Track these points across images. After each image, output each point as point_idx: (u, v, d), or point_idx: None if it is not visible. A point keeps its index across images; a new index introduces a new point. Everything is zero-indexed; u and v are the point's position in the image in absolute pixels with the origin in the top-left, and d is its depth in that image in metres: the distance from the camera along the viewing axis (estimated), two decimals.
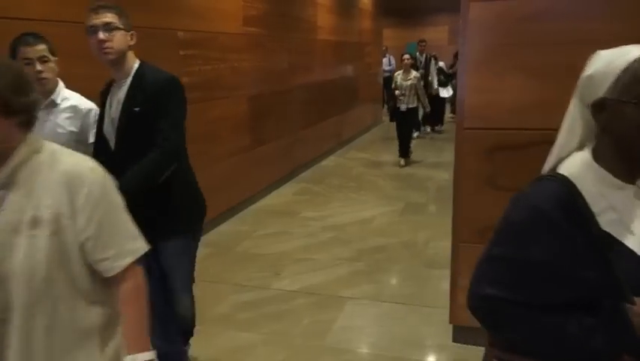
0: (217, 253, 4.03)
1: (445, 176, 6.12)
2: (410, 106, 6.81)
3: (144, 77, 2.05)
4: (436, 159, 7.37)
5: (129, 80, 2.05)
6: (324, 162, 7.34)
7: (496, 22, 2.32)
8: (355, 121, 8.96)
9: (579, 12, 2.23)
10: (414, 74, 6.83)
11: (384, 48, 12.24)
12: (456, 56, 11.06)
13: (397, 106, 6.85)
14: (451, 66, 10.87)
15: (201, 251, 4.07)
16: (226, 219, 4.75)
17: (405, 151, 7.02)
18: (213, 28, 4.41)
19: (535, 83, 2.39)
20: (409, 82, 6.73)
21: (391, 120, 7.25)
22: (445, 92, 9.43)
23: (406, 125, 6.95)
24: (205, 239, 4.31)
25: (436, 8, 15.94)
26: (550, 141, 2.36)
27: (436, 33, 15.93)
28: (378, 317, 2.98)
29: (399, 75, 6.86)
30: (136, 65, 2.10)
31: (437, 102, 9.21)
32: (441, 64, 9.79)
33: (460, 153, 2.42)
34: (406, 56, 6.83)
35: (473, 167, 2.50)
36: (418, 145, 7.98)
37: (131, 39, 2.12)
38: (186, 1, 4.01)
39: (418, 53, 8.96)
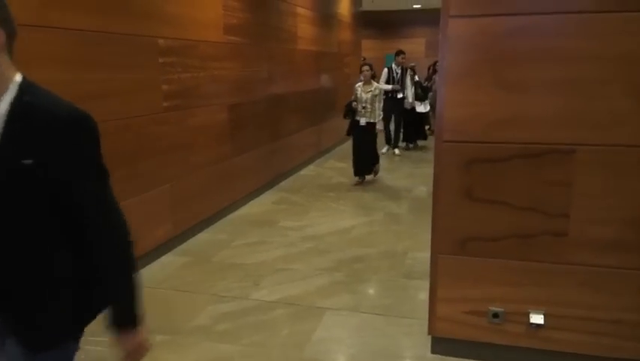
0: (195, 263, 3.98)
1: (423, 187, 6.19)
2: (371, 120, 6.27)
3: (34, 108, 1.20)
4: (415, 169, 7.45)
5: (4, 106, 1.19)
6: (303, 172, 7.35)
7: (473, 39, 2.38)
8: (334, 130, 9.00)
9: (554, 30, 2.30)
10: (375, 85, 6.37)
11: (362, 59, 12.38)
12: (430, 69, 10.76)
13: (356, 119, 6.32)
14: (427, 79, 10.98)
15: (179, 260, 4.04)
16: (204, 228, 4.70)
17: (361, 169, 6.47)
18: (194, 36, 4.39)
19: (512, 98, 2.45)
20: (370, 94, 6.23)
21: (348, 134, 6.55)
22: (422, 107, 9.09)
23: (364, 141, 6.35)
24: (183, 248, 4.28)
25: (413, 21, 16.23)
26: (526, 155, 2.42)
27: (413, 45, 16.20)
28: (357, 327, 2.98)
29: (359, 87, 6.35)
30: (16, 79, 1.23)
31: (414, 117, 8.99)
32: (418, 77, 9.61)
33: (439, 165, 2.46)
34: (365, 67, 6.36)
35: (452, 179, 2.54)
36: (393, 156, 8.02)
37: None
38: (167, 8, 3.99)
39: (394, 65, 8.58)
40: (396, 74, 8.53)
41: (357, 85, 6.39)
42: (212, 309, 3.22)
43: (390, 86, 8.34)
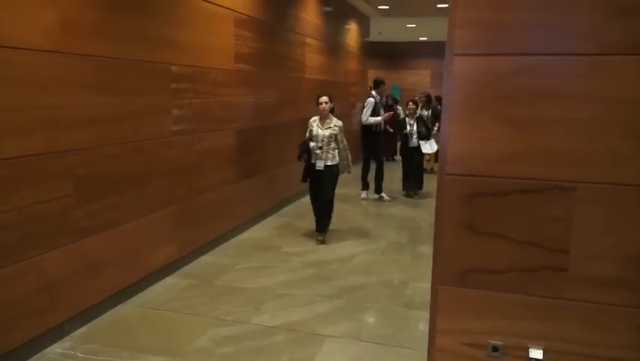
0: (197, 285, 4.01)
1: (426, 217, 6.23)
2: (329, 163, 5.08)
3: None
4: (418, 200, 7.49)
5: None
6: (306, 198, 7.39)
7: (477, 76, 2.47)
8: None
9: (556, 71, 2.39)
10: (335, 121, 5.13)
11: (368, 88, 12.57)
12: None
13: (312, 162, 5.12)
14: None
15: (182, 282, 4.06)
16: (208, 251, 4.74)
17: (323, 224, 5.26)
18: (205, 63, 4.52)
19: (514, 135, 2.53)
20: (328, 131, 5.07)
21: (303, 180, 5.23)
22: (428, 148, 7.46)
23: (322, 188, 5.11)
24: (186, 270, 4.30)
25: (419, 53, 16.53)
26: (527, 190, 2.47)
27: (419, 77, 16.48)
28: (356, 356, 2.99)
29: (314, 122, 5.16)
30: None
31: (415, 158, 7.43)
32: (425, 111, 8.63)
33: (441, 197, 2.52)
34: (323, 98, 5.11)
35: (453, 211, 2.60)
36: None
37: None
38: (181, 37, 4.13)
39: (374, 92, 7.28)
40: (381, 105, 7.43)
41: (312, 120, 5.21)
42: (213, 332, 3.23)
43: (379, 118, 7.05)
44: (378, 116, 7.06)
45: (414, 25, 12.98)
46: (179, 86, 4.15)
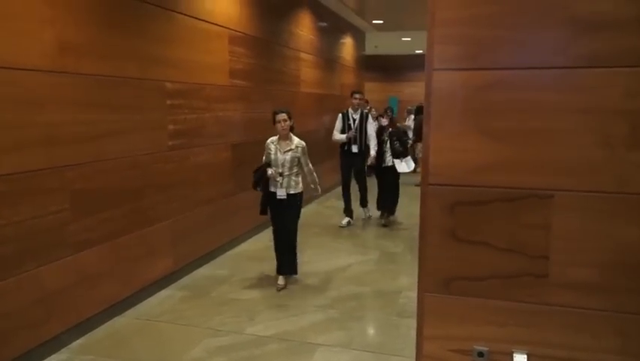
0: (193, 297, 4.07)
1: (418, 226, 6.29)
2: (292, 191, 4.26)
3: None
4: (415, 209, 7.56)
5: None
6: (303, 210, 7.46)
7: (455, 90, 2.57)
8: (334, 171, 9.18)
9: (531, 83, 2.49)
10: (296, 142, 4.28)
11: (365, 102, 12.70)
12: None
13: (271, 191, 4.28)
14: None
15: (177, 294, 4.12)
16: (204, 264, 4.80)
17: (287, 264, 4.35)
18: (200, 80, 4.63)
19: (492, 145, 2.61)
20: (289, 154, 4.22)
21: (262, 212, 4.36)
22: (405, 166, 6.40)
23: (284, 220, 4.32)
24: (182, 283, 4.36)
25: (415, 65, 16.69)
26: (506, 199, 2.55)
27: (416, 88, 16.61)
28: None
29: (272, 143, 4.29)
30: None
31: (390, 178, 6.53)
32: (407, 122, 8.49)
33: (425, 207, 2.60)
34: (281, 115, 4.18)
35: (436, 220, 2.68)
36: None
37: None
38: (176, 54, 4.24)
39: (350, 110, 6.40)
40: (353, 120, 6.36)
41: (269, 141, 4.33)
42: (208, 342, 3.28)
43: (344, 136, 6.27)
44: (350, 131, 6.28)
45: (409, 39, 13.16)
46: (174, 102, 4.25)
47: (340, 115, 6.44)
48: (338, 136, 6.39)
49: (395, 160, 6.39)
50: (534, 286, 2.46)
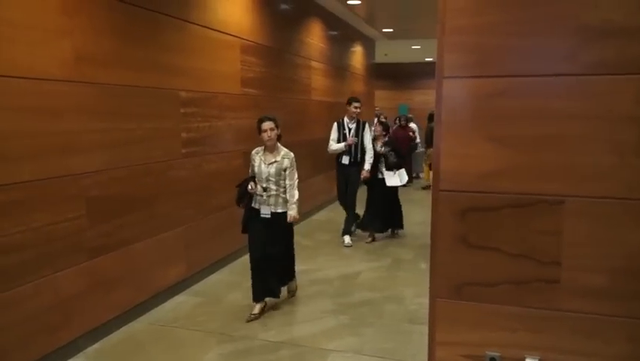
0: (206, 303, 4.11)
1: (429, 233, 6.28)
2: (279, 210, 3.80)
3: None
4: (427, 217, 7.55)
5: None
6: (315, 216, 7.50)
7: (465, 97, 2.59)
8: None
9: (540, 91, 2.51)
10: (283, 152, 3.83)
11: (376, 108, 12.74)
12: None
13: (255, 207, 3.81)
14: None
15: (191, 300, 4.17)
16: (217, 270, 4.84)
17: (263, 289, 3.82)
18: (213, 88, 4.70)
19: (502, 152, 2.63)
20: (274, 166, 3.77)
21: (244, 231, 3.89)
22: (396, 180, 5.85)
23: (270, 242, 3.79)
24: (195, 289, 4.41)
25: (425, 73, 16.70)
26: (516, 205, 2.57)
27: (426, 96, 16.61)
28: None
29: (257, 155, 3.86)
30: None
31: (386, 193, 5.94)
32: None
33: (436, 213, 2.62)
34: (267, 124, 3.73)
35: (448, 226, 2.70)
36: (403, 202, 8.05)
37: None
38: (190, 63, 4.32)
39: (346, 118, 5.87)
40: (349, 130, 5.82)
41: (254, 152, 3.92)
42: (221, 348, 3.32)
43: (341, 145, 5.76)
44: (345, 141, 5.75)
45: (419, 47, 13.20)
46: (187, 111, 4.32)
47: (335, 124, 5.90)
48: (334, 146, 5.83)
49: (386, 172, 5.82)
50: (546, 292, 2.47)
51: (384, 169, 5.85)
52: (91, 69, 3.27)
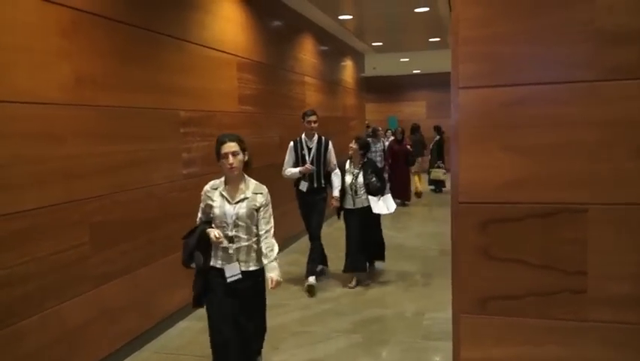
0: None
1: (434, 247, 6.24)
2: (252, 267, 2.80)
3: None
4: (424, 228, 7.51)
5: None
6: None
7: (482, 107, 2.56)
8: None
9: (556, 98, 2.48)
10: (253, 187, 2.86)
11: (366, 122, 12.77)
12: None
13: (215, 265, 2.80)
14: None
15: (196, 325, 4.04)
16: None
17: None
18: (211, 107, 4.65)
19: (520, 161, 2.59)
20: (244, 207, 2.79)
21: (196, 304, 2.98)
22: (382, 206, 4.80)
23: (241, 316, 2.76)
24: (200, 313, 4.27)
25: (413, 85, 16.84)
26: (538, 215, 2.52)
27: (415, 108, 16.72)
28: None
29: (216, 190, 2.88)
30: None
31: (352, 228, 4.88)
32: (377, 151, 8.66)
33: (457, 226, 2.57)
34: (229, 146, 2.76)
35: (469, 239, 2.64)
36: (402, 214, 8.01)
37: None
38: (188, 83, 4.26)
39: (304, 137, 4.90)
40: (308, 150, 4.81)
41: (208, 187, 2.93)
42: None
43: (296, 170, 4.76)
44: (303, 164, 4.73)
45: (407, 59, 13.31)
46: (187, 130, 4.25)
47: (291, 144, 4.83)
48: (288, 171, 4.79)
49: (370, 197, 4.77)
50: (572, 302, 2.41)
51: (362, 194, 4.81)
52: (91, 92, 3.20)
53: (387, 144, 9.63)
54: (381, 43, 10.77)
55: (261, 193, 2.84)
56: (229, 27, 5.05)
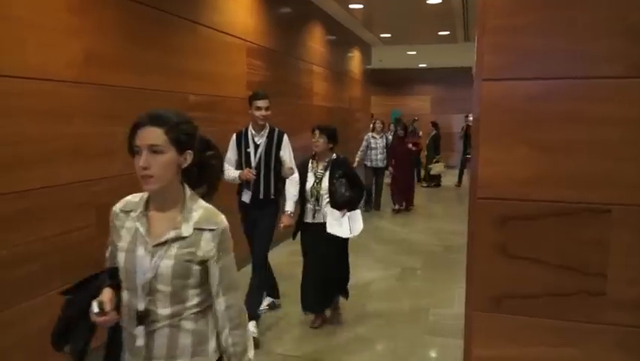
0: None
1: (437, 242, 6.20)
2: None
3: None
4: (427, 224, 7.47)
5: None
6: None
7: (506, 100, 2.48)
8: None
9: (582, 94, 2.41)
10: (197, 217, 1.57)
11: (371, 115, 12.68)
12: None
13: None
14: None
15: None
16: None
17: None
18: (221, 92, 4.57)
19: (542, 157, 2.52)
20: (172, 255, 1.47)
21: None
22: (341, 226, 3.59)
23: None
24: None
25: (419, 79, 16.75)
26: (559, 213, 2.46)
27: (420, 102, 16.64)
28: None
29: (131, 218, 1.56)
30: None
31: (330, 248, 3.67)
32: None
33: (474, 222, 2.50)
34: (147, 131, 1.47)
35: (486, 235, 2.57)
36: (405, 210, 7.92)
37: None
38: (199, 67, 4.18)
39: (251, 129, 3.76)
40: (255, 147, 3.68)
41: (116, 208, 1.63)
42: None
43: (236, 175, 3.60)
44: (248, 167, 3.56)
45: (414, 53, 13.19)
46: (196, 115, 4.16)
47: (234, 138, 3.71)
48: (228, 173, 3.58)
49: (329, 210, 3.54)
50: (589, 304, 2.36)
51: (326, 208, 3.57)
52: (100, 71, 3.13)
53: (390, 139, 8.61)
54: (389, 35, 10.66)
55: (214, 232, 1.56)
56: (240, 11, 4.97)
